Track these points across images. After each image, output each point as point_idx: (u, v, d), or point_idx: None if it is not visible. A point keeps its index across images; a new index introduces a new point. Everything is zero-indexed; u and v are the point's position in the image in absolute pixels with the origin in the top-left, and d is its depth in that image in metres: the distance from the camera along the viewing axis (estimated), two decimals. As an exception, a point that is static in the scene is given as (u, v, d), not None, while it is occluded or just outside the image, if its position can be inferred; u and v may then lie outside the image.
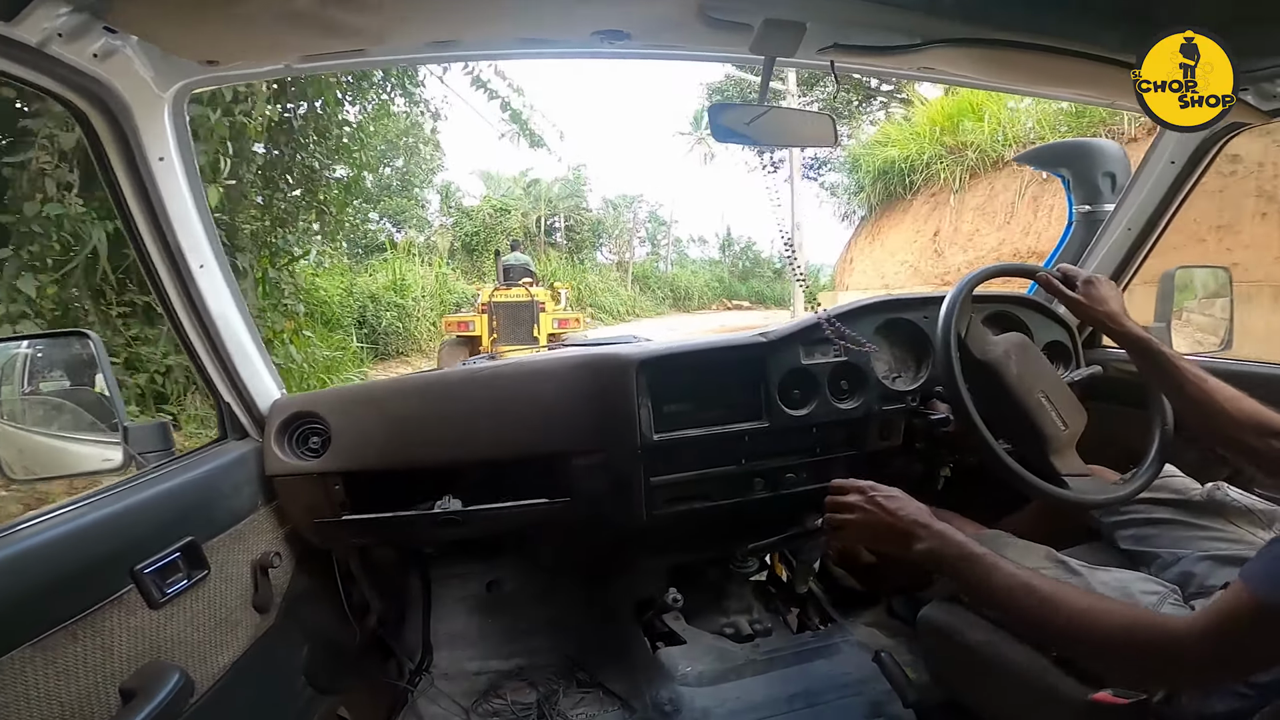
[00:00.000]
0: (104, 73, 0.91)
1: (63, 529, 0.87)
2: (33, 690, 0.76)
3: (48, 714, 0.77)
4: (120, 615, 0.89)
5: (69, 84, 0.91)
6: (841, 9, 0.96)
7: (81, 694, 0.82)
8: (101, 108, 0.96)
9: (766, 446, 1.50)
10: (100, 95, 0.94)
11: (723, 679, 1.45)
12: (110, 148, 0.99)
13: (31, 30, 0.79)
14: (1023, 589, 0.79)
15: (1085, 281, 1.21)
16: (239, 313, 1.22)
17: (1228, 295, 1.55)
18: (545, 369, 1.46)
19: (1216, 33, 0.89)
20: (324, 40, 0.88)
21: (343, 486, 1.36)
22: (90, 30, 0.83)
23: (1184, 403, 1.09)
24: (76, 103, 0.94)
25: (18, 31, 0.79)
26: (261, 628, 1.21)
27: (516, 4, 0.85)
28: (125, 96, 0.96)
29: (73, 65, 0.88)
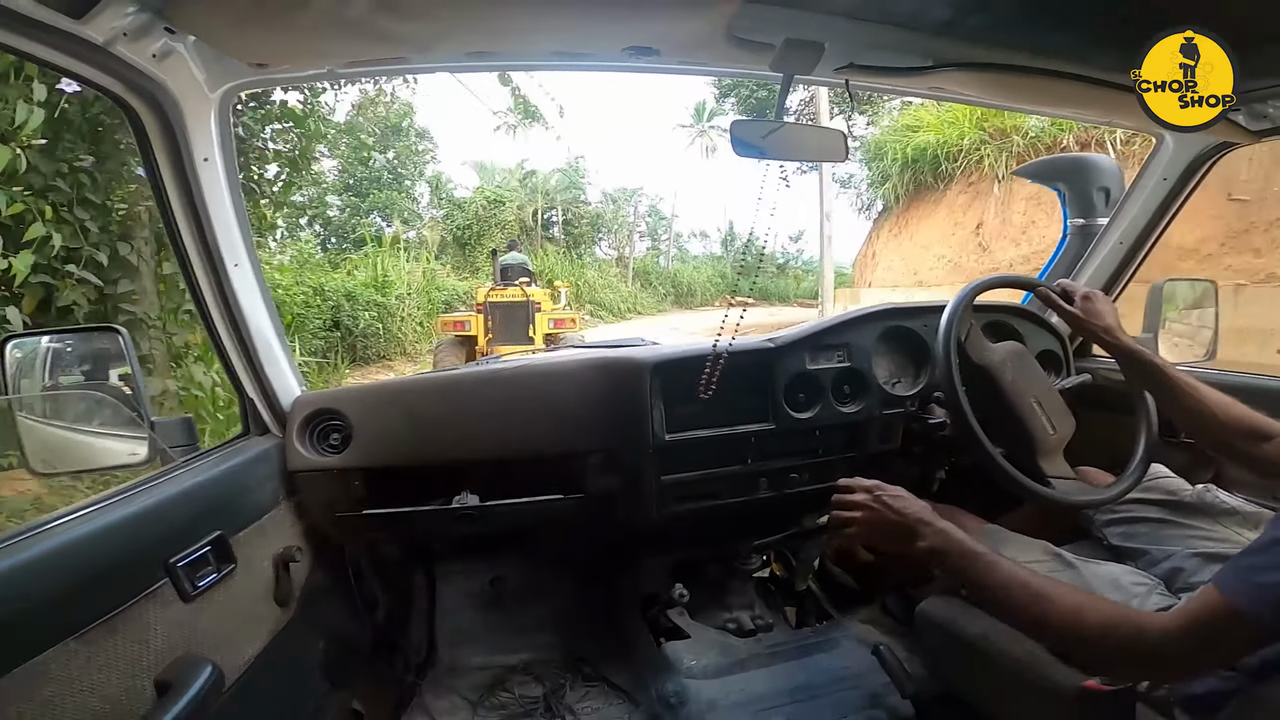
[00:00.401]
0: (160, 73, 0.93)
1: (100, 523, 0.88)
2: (77, 683, 0.77)
3: (91, 706, 0.78)
4: (156, 608, 0.90)
5: (126, 82, 0.93)
6: (859, 31, 1.01)
7: (121, 686, 0.83)
8: (154, 107, 0.98)
9: (772, 448, 1.56)
10: (155, 94, 0.96)
11: (727, 672, 1.50)
12: (158, 146, 1.01)
13: (99, 29, 0.82)
14: (1019, 585, 0.84)
15: (1083, 297, 1.27)
16: (267, 311, 1.25)
17: (1213, 307, 1.61)
18: (561, 370, 1.50)
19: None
20: (370, 47, 0.91)
21: (362, 482, 1.39)
22: (152, 30, 0.85)
23: (1177, 410, 1.15)
24: (130, 101, 0.96)
25: (85, 29, 0.81)
26: (281, 621, 1.23)
27: (554, 19, 0.89)
28: (177, 96, 0.98)
29: (133, 64, 0.90)
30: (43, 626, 0.74)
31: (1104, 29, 1.00)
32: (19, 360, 1.12)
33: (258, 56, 0.97)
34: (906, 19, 0.99)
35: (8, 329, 3.25)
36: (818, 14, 0.96)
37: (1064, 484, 1.22)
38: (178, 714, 0.82)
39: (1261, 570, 0.65)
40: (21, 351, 1.14)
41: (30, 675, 0.71)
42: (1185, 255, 6.27)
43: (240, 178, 1.14)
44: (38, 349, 1.20)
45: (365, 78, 10.79)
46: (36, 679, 0.72)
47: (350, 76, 0.98)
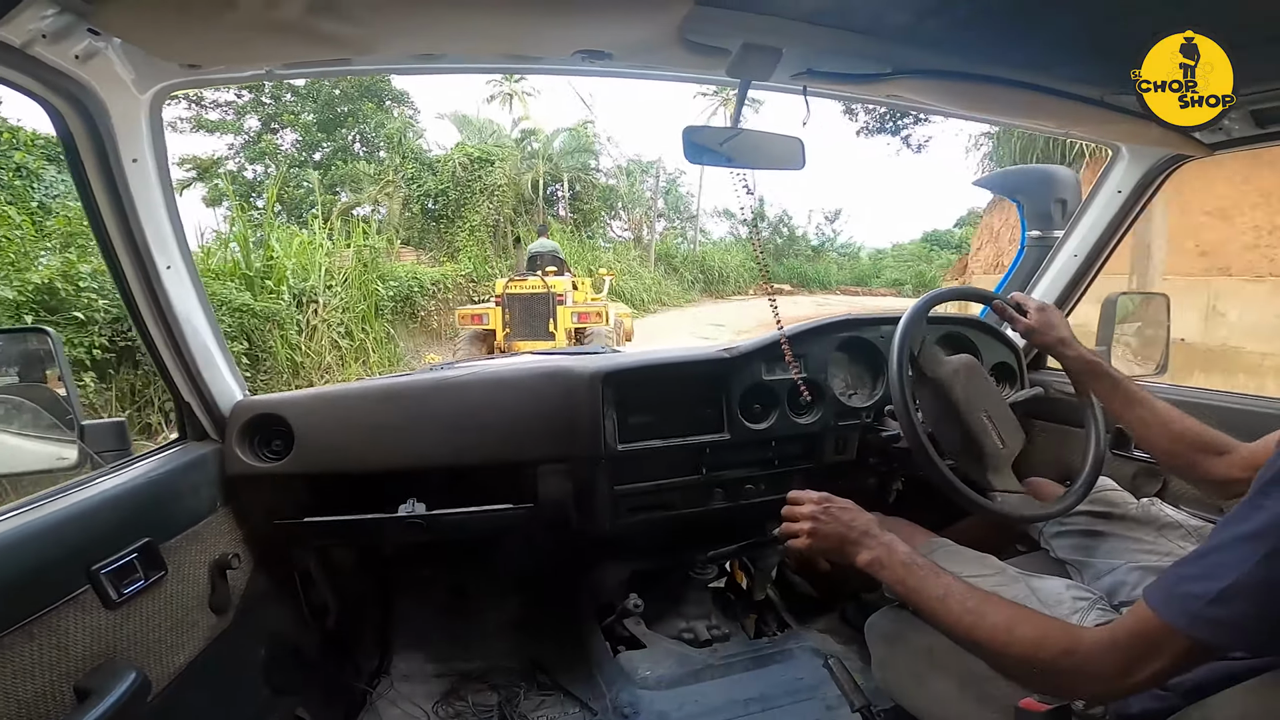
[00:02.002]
0: (84, 74, 0.90)
1: (18, 528, 0.86)
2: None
3: (4, 712, 0.77)
4: (77, 615, 0.89)
5: (48, 85, 0.89)
6: (817, 36, 1.00)
7: (38, 693, 0.82)
8: (79, 108, 0.94)
9: (727, 458, 1.56)
10: (79, 96, 0.93)
11: (681, 683, 1.48)
12: (84, 147, 0.97)
13: (16, 31, 0.78)
14: (955, 597, 0.84)
15: (1038, 309, 1.28)
16: (204, 314, 1.21)
17: (1165, 320, 1.63)
18: (512, 378, 1.47)
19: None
20: (308, 49, 0.87)
21: (305, 488, 1.36)
22: (74, 31, 0.82)
23: (1129, 420, 1.16)
24: (54, 102, 0.92)
25: (2, 32, 0.77)
26: (218, 628, 1.21)
27: (502, 22, 0.86)
28: (104, 98, 0.95)
29: (54, 66, 0.86)
30: None
31: (1063, 40, 1.01)
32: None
33: (189, 58, 0.94)
34: (865, 25, 0.99)
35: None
36: (774, 18, 0.95)
37: (1010, 498, 1.22)
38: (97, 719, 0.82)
39: (1190, 580, 0.64)
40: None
41: None
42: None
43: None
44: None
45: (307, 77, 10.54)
46: None
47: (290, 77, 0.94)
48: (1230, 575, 0.60)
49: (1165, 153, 1.46)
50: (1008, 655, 0.78)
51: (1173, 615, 0.63)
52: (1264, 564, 0.59)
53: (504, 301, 7.36)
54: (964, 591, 0.85)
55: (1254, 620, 0.60)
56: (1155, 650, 0.65)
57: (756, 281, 22.91)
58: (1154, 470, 1.44)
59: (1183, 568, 0.66)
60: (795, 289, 24.56)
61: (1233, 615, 0.61)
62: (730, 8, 0.91)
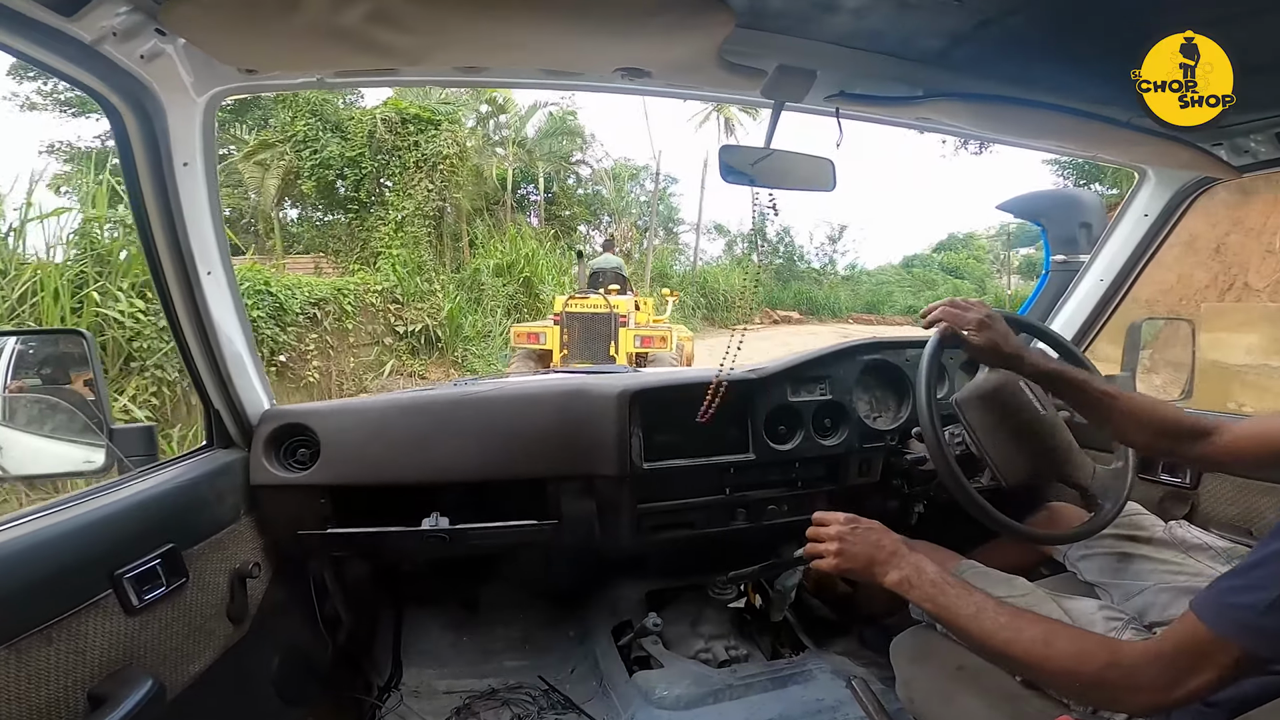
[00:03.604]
0: (147, 75, 0.92)
1: (45, 531, 0.86)
2: (4, 691, 0.75)
3: (19, 716, 0.76)
4: (96, 620, 0.88)
5: (111, 83, 0.91)
6: (851, 59, 1.02)
7: (52, 698, 0.81)
8: (137, 108, 0.96)
9: (751, 478, 1.56)
10: (139, 96, 0.95)
11: (699, 703, 1.46)
12: (138, 148, 0.99)
13: (88, 27, 0.80)
14: (987, 615, 0.84)
15: (977, 326, 1.15)
16: (239, 322, 1.22)
17: (1190, 346, 1.62)
18: (537, 394, 1.48)
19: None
20: (361, 57, 0.90)
21: (329, 500, 1.35)
22: (142, 31, 0.84)
23: (1105, 417, 1.12)
24: (113, 101, 0.94)
25: (74, 27, 0.79)
26: (233, 638, 1.20)
27: (547, 38, 0.88)
28: (163, 99, 0.97)
29: (119, 64, 0.88)
30: None
31: (1089, 63, 1.02)
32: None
33: (247, 62, 0.96)
34: (898, 48, 1.01)
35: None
36: (810, 41, 0.97)
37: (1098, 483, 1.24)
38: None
39: (1239, 592, 0.65)
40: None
41: None
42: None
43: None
44: (6, 349, 1.17)
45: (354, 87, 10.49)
46: None
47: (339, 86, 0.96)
48: (1276, 588, 0.62)
49: (1192, 175, 1.47)
50: (1048, 669, 0.79)
51: (1223, 626, 0.65)
52: None
53: (563, 320, 6.94)
54: (997, 608, 0.85)
55: None
56: (1204, 661, 0.66)
57: (762, 308, 20.95)
58: (1182, 494, 1.43)
59: (1231, 580, 0.67)
60: (803, 316, 22.69)
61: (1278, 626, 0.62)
62: (769, 30, 0.93)
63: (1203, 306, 5.75)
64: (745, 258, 24.43)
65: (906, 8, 0.87)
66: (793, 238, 26.34)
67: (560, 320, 6.97)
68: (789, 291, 23.92)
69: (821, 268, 26.27)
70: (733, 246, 25.62)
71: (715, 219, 26.55)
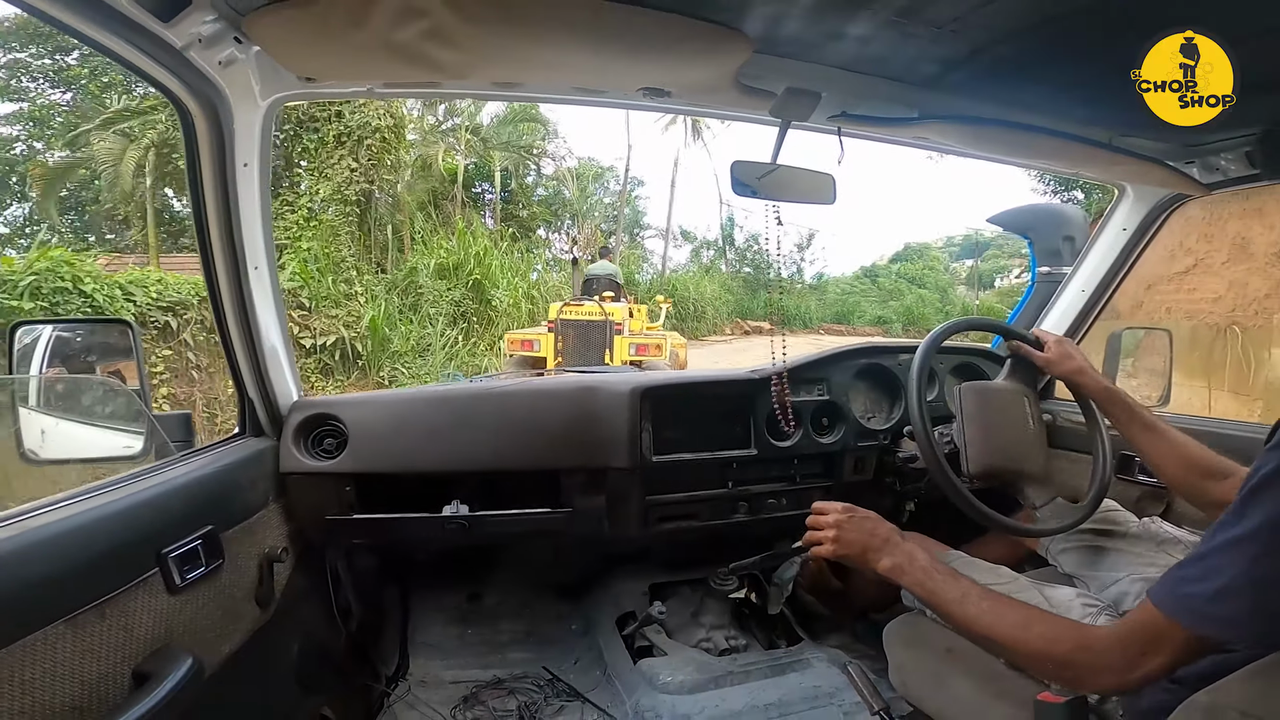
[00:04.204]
0: (222, 80, 0.99)
1: (99, 509, 0.89)
2: (60, 666, 0.76)
3: (70, 692, 0.78)
4: (144, 597, 0.90)
5: (190, 87, 0.98)
6: (853, 82, 1.10)
7: (101, 673, 0.82)
8: (209, 111, 1.02)
9: (752, 473, 1.65)
10: (213, 99, 1.01)
11: (702, 688, 1.52)
12: (205, 148, 1.05)
13: (180, 33, 0.87)
14: (973, 599, 0.92)
15: (1055, 342, 1.35)
16: (277, 316, 1.28)
17: (1168, 355, 1.71)
18: (554, 390, 1.56)
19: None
20: (411, 70, 0.97)
21: (354, 488, 1.41)
22: (223, 39, 0.91)
23: (1143, 446, 1.23)
24: (188, 103, 1.00)
25: (168, 32, 0.86)
26: (259, 621, 1.23)
27: (577, 58, 0.96)
28: (233, 103, 1.03)
29: (201, 69, 0.95)
30: (34, 609, 0.74)
31: (1074, 88, 1.11)
32: (25, 346, 1.14)
33: (309, 71, 1.03)
34: (897, 73, 1.09)
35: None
36: (816, 65, 1.05)
37: (1047, 508, 1.30)
38: (155, 705, 0.82)
39: (1190, 581, 0.71)
40: (30, 337, 1.16)
41: (16, 657, 0.71)
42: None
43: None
44: (44, 336, 1.21)
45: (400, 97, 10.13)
46: (22, 660, 0.71)
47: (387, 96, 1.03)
48: (1226, 575, 0.68)
49: (1167, 193, 1.56)
50: (1024, 651, 0.86)
51: (1176, 612, 0.71)
52: (1256, 564, 0.66)
53: (557, 327, 6.91)
54: (981, 594, 0.93)
55: (1249, 615, 0.67)
56: (1159, 644, 0.73)
57: (734, 318, 20.17)
58: (1158, 493, 1.51)
59: (1182, 570, 0.73)
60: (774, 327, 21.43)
61: (1230, 611, 0.68)
62: (779, 55, 1.02)
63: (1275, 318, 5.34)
64: (714, 265, 23.61)
65: (906, 36, 0.95)
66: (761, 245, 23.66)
67: (555, 327, 6.96)
68: (759, 301, 22.55)
69: (790, 277, 25.21)
70: (700, 254, 24.96)
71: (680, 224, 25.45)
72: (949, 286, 27.74)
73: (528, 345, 7.10)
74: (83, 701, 0.79)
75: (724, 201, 23.12)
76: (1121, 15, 0.87)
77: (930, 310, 23.87)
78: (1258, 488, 0.68)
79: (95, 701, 0.81)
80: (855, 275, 28.57)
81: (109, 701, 0.83)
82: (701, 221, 41.26)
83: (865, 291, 26.32)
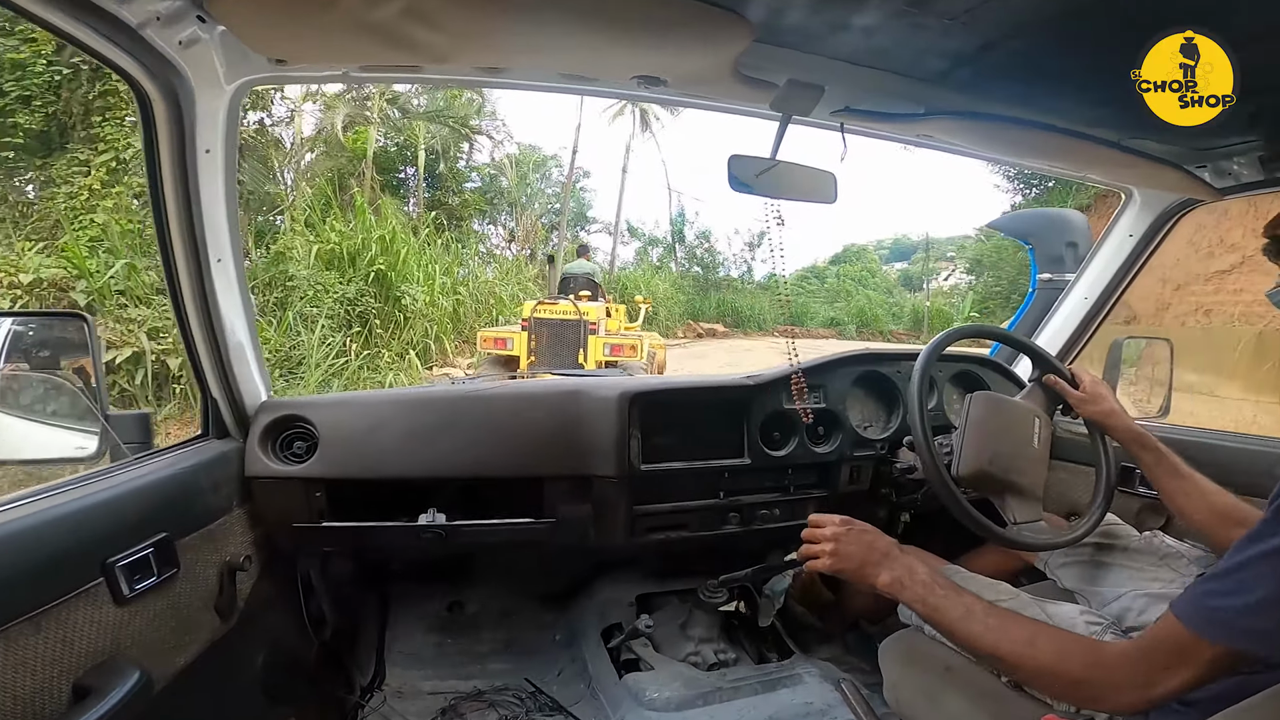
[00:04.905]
0: (183, 61, 0.93)
1: (38, 516, 0.84)
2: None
3: (2, 706, 0.75)
4: (86, 609, 0.87)
5: (147, 68, 0.92)
6: (857, 76, 1.05)
7: (36, 687, 0.79)
8: (168, 94, 0.96)
9: (745, 483, 1.59)
10: (173, 82, 0.95)
11: (690, 705, 1.47)
12: (163, 134, 1.00)
13: (136, 11, 0.81)
14: (975, 616, 0.88)
15: (1092, 382, 1.33)
16: (244, 311, 1.22)
17: (1169, 364, 1.68)
18: (537, 394, 1.50)
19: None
20: (389, 53, 0.91)
21: (324, 494, 1.35)
22: (184, 17, 0.85)
23: (1171, 491, 1.20)
24: (145, 86, 0.94)
25: (123, 10, 0.80)
26: (220, 631, 1.19)
27: (569, 42, 0.90)
28: (194, 86, 0.97)
29: (159, 49, 0.89)
30: None
31: (1084, 86, 1.07)
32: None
33: (279, 53, 0.97)
34: (902, 67, 1.04)
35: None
36: (820, 57, 1.00)
37: (1030, 528, 1.25)
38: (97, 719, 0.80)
39: (1218, 595, 0.68)
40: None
41: None
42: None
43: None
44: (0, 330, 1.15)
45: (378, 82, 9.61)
46: None
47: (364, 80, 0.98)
48: (1260, 589, 0.65)
49: (1176, 197, 1.52)
50: (1033, 669, 0.82)
51: (1203, 627, 0.68)
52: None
53: (530, 326, 6.84)
54: (985, 610, 0.88)
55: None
56: (1183, 660, 0.69)
57: (684, 320, 18.53)
58: (1157, 506, 1.48)
59: (1209, 583, 0.70)
60: (728, 329, 20.10)
61: (1266, 626, 0.65)
62: (782, 45, 0.96)
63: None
64: (664, 263, 22.32)
65: (914, 28, 0.90)
66: (713, 243, 23.68)
67: (529, 326, 6.88)
68: (710, 302, 21.27)
69: (740, 276, 23.66)
70: (647, 251, 23.57)
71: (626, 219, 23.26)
72: (893, 288, 27.77)
73: (501, 343, 7.04)
74: (16, 715, 0.76)
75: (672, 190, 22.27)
76: (1137, 10, 0.84)
77: (882, 312, 23.50)
78: None
79: (31, 715, 0.78)
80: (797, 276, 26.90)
81: (47, 716, 0.80)
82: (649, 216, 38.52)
83: (814, 292, 25.60)
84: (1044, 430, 1.32)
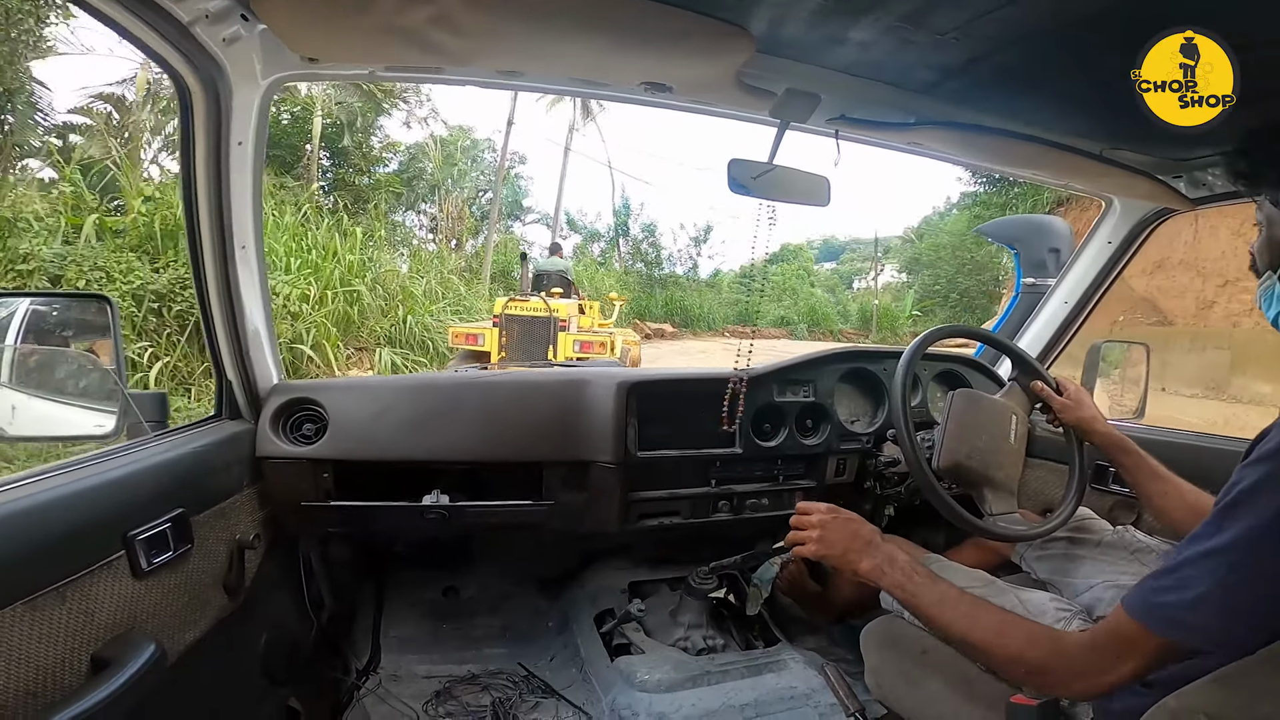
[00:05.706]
0: (225, 57, 0.97)
1: (61, 489, 0.86)
2: (16, 650, 0.74)
3: (26, 676, 0.75)
4: (107, 581, 0.88)
5: (192, 63, 0.96)
6: (852, 86, 1.11)
7: (59, 658, 0.80)
8: (209, 88, 1.01)
9: (736, 472, 1.65)
10: (214, 77, 1.00)
11: (679, 687, 1.52)
12: (200, 125, 1.04)
13: (188, 8, 0.86)
14: (950, 602, 0.93)
15: (1075, 390, 1.39)
16: (261, 297, 1.26)
17: (1145, 368, 1.75)
18: (539, 382, 1.55)
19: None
20: (415, 55, 0.96)
21: (331, 475, 1.39)
22: (230, 15, 0.90)
23: (1150, 493, 1.25)
24: (188, 79, 0.98)
25: (176, 7, 0.84)
26: (227, 609, 1.21)
27: (582, 49, 0.96)
28: (233, 81, 1.02)
29: (204, 45, 0.93)
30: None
31: (1068, 100, 1.13)
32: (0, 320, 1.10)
33: (313, 51, 1.02)
34: (895, 79, 1.10)
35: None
36: (817, 68, 1.06)
37: (1007, 519, 1.31)
38: (114, 691, 0.80)
39: (1163, 591, 0.73)
40: (5, 310, 1.13)
41: None
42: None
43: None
44: (20, 310, 1.18)
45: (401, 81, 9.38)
46: None
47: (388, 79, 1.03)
48: (1200, 586, 0.70)
49: (1153, 206, 1.59)
50: (999, 655, 0.88)
51: (1149, 620, 0.73)
52: (1229, 576, 0.69)
53: (502, 322, 6.95)
54: (958, 597, 0.94)
55: (1221, 623, 0.70)
56: (1132, 650, 0.75)
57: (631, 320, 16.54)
58: (1130, 503, 1.54)
59: (1156, 580, 0.75)
60: (677, 330, 18.93)
61: (1203, 620, 0.70)
62: (780, 56, 1.02)
63: None
64: (607, 259, 21.36)
65: (906, 43, 0.96)
66: (658, 238, 22.25)
67: (500, 322, 6.96)
68: (657, 300, 19.85)
69: (685, 274, 22.52)
70: (587, 245, 22.43)
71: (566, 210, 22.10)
72: (837, 286, 27.65)
73: (472, 339, 7.10)
74: (38, 686, 0.77)
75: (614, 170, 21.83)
76: (1119, 27, 0.89)
77: (830, 311, 23.21)
78: (1234, 503, 0.71)
79: (51, 686, 0.78)
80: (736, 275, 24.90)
81: (66, 687, 0.80)
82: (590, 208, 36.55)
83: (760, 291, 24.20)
84: (1020, 427, 1.37)
